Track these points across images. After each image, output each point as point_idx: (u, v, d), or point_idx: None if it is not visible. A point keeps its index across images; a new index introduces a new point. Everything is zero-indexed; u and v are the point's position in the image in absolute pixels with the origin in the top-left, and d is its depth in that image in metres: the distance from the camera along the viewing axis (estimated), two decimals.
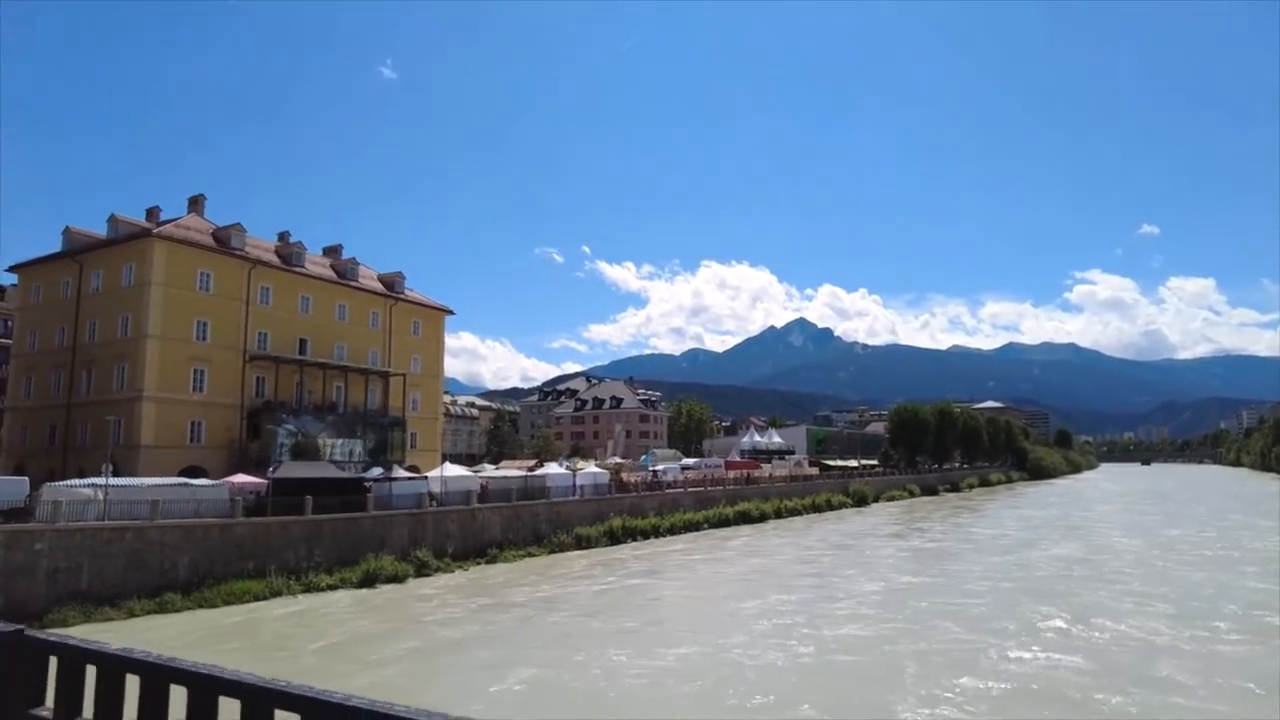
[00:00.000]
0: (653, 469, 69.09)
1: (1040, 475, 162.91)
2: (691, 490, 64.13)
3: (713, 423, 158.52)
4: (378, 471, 49.12)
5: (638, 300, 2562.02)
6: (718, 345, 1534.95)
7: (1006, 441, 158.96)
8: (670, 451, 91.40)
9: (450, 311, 68.67)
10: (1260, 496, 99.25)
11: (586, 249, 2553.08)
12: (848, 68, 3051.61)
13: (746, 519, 64.26)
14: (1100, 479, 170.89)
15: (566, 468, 61.09)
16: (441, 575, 38.01)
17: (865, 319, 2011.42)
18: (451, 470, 48.77)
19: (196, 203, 54.86)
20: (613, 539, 49.75)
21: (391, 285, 63.56)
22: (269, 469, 42.70)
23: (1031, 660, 21.76)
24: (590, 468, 62.39)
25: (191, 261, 48.61)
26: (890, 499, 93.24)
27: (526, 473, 56.63)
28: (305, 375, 53.70)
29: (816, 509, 75.98)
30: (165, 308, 46.58)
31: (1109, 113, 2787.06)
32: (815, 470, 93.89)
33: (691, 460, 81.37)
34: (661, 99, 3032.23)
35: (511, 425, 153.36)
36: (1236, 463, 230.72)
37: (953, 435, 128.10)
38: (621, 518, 52.04)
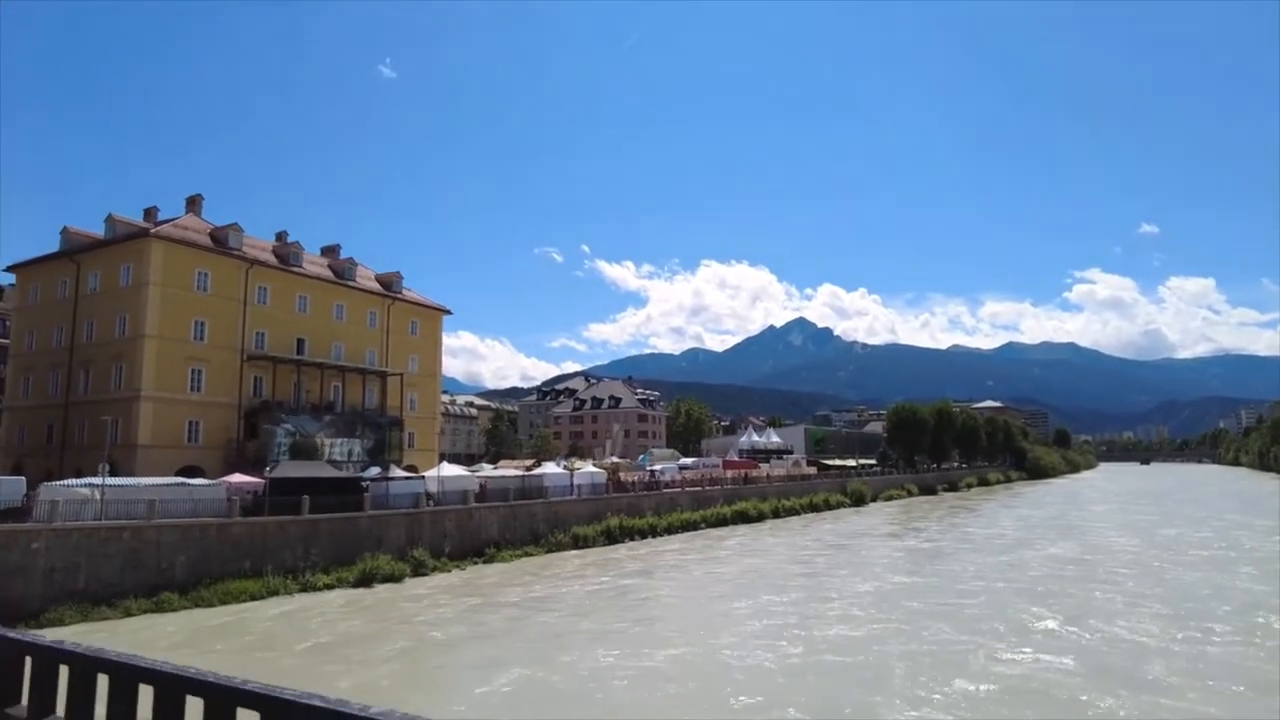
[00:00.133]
0: (650, 469, 69.22)
1: (1039, 475, 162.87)
2: (689, 490, 64.20)
3: (711, 422, 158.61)
4: (375, 471, 49.21)
5: (637, 300, 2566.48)
6: (717, 345, 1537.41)
7: (1005, 441, 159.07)
8: (668, 451, 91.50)
9: (448, 311, 68.75)
10: (1258, 496, 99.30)
11: (586, 248, 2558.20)
12: (848, 68, 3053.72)
13: (744, 518, 64.33)
14: (1098, 478, 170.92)
15: (564, 467, 61.17)
16: (438, 575, 38.09)
17: (865, 318, 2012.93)
18: (448, 470, 48.90)
19: (194, 202, 54.90)
20: (610, 539, 49.86)
21: (389, 285, 63.61)
22: (266, 469, 42.75)
23: (1021, 661, 21.69)
24: (588, 467, 62.50)
25: (189, 261, 48.64)
26: (888, 498, 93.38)
27: (524, 472, 56.72)
28: (303, 375, 53.74)
29: (814, 508, 76.08)
30: (163, 308, 46.62)
31: (1108, 112, 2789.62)
32: (813, 470, 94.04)
33: (689, 460, 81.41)
34: (661, 98, 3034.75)
35: (510, 425, 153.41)
36: (1235, 462, 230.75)
37: (951, 435, 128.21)
38: (619, 517, 52.19)
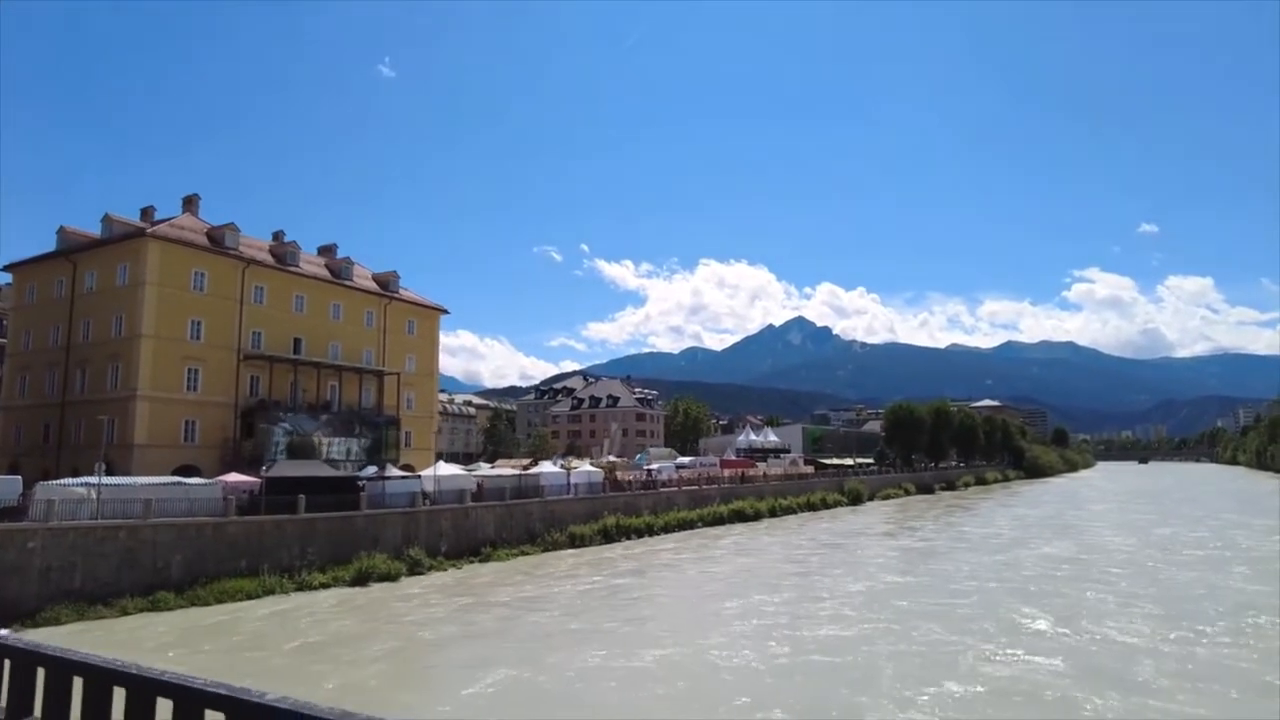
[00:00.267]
0: (647, 468, 69.36)
1: (1037, 474, 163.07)
2: (686, 489, 64.30)
3: (710, 421, 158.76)
4: (372, 470, 49.28)
5: (636, 299, 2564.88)
6: (716, 344, 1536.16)
7: (1003, 440, 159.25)
8: (665, 450, 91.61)
9: (445, 311, 68.81)
10: (1255, 495, 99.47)
11: (585, 247, 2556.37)
12: (848, 68, 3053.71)
13: (741, 517, 64.45)
14: (1096, 477, 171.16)
15: (561, 466, 61.33)
16: (434, 573, 38.19)
17: (864, 317, 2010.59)
18: (445, 469, 49.01)
19: (191, 202, 54.93)
20: (606, 537, 49.98)
21: (386, 284, 63.66)
22: (262, 468, 42.84)
23: (1010, 662, 21.63)
24: (585, 466, 62.64)
25: (186, 261, 48.68)
26: (885, 497, 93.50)
27: (521, 472, 56.82)
28: (299, 374, 53.79)
29: (811, 507, 76.21)
30: (159, 307, 46.66)
31: (1108, 112, 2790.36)
32: (810, 469, 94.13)
33: (687, 459, 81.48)
34: (660, 97, 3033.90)
35: (509, 424, 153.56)
36: (1233, 461, 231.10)
37: (948, 434, 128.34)
38: (615, 516, 52.32)
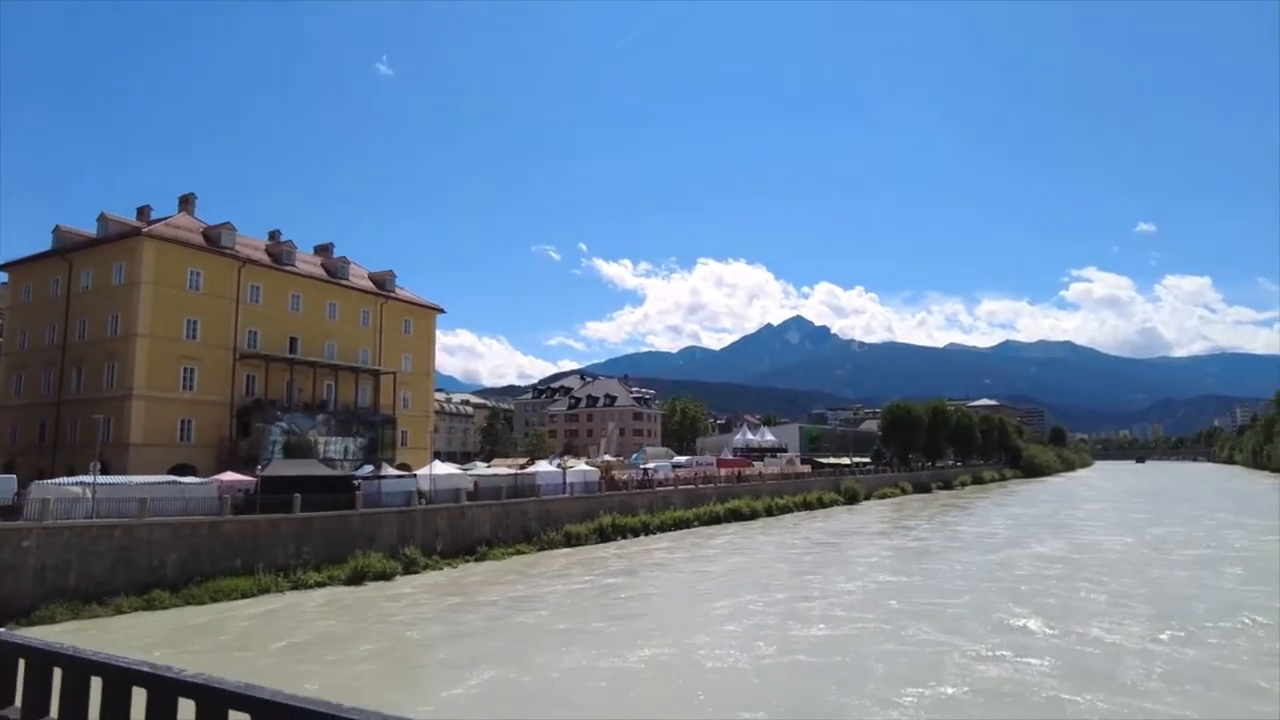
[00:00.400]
0: (643, 467, 69.51)
1: (1034, 473, 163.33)
2: (682, 488, 64.42)
3: (707, 421, 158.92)
4: (368, 470, 49.35)
5: (634, 298, 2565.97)
6: (714, 343, 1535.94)
7: (1000, 439, 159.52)
8: (661, 449, 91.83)
9: (441, 310, 68.84)
10: (1251, 494, 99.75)
11: (583, 246, 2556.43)
12: (848, 68, 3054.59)
13: (737, 516, 64.57)
14: (1093, 477, 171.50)
15: (557, 466, 61.46)
16: (429, 572, 38.27)
17: (862, 317, 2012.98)
18: (440, 468, 49.08)
19: (187, 201, 54.91)
20: (602, 536, 50.08)
21: (382, 284, 63.68)
22: (257, 467, 42.89)
23: (999, 662, 21.53)
24: (581, 466, 62.77)
25: (182, 260, 48.68)
26: (882, 497, 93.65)
27: (517, 471, 56.94)
28: (295, 374, 53.78)
29: (808, 506, 76.36)
30: (155, 306, 46.66)
31: (1108, 112, 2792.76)
32: (807, 468, 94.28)
33: (683, 458, 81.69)
34: (657, 96, 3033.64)
35: (506, 423, 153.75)
36: (1230, 460, 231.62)
37: (945, 433, 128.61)
38: (611, 515, 52.43)
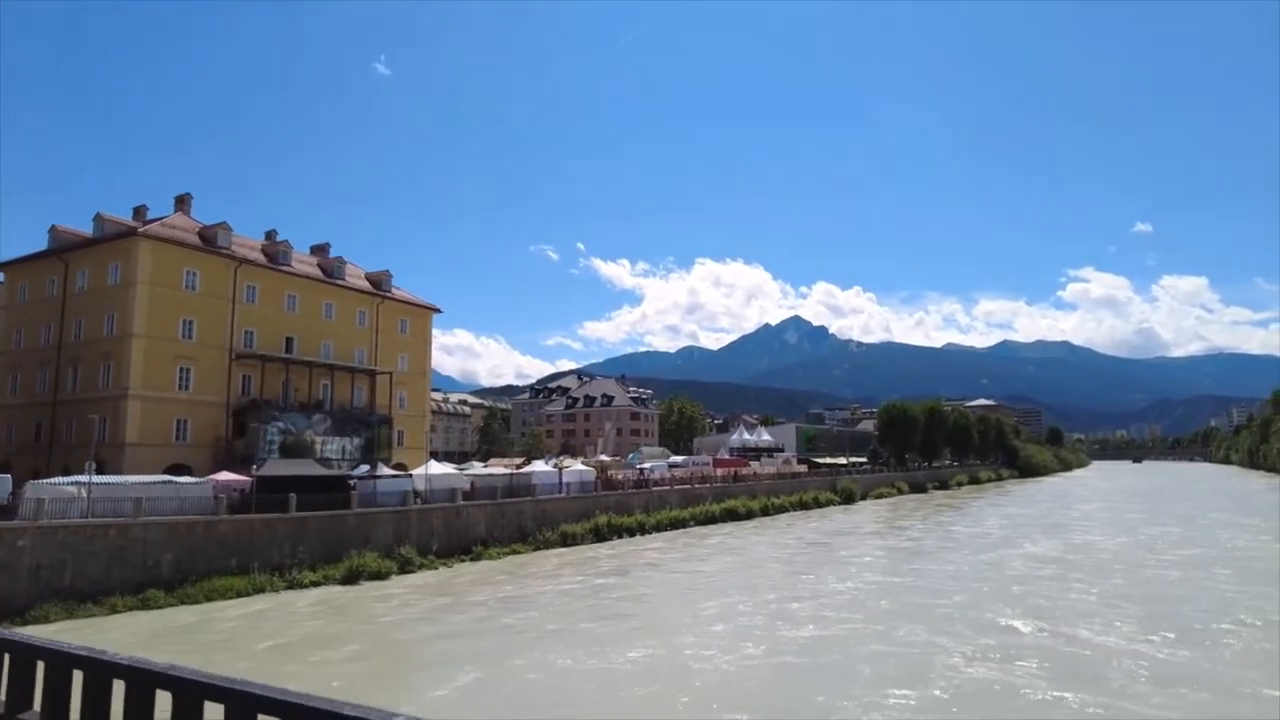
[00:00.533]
0: (640, 467, 69.61)
1: (1030, 473, 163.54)
2: (678, 488, 64.49)
3: (705, 420, 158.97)
4: (364, 469, 49.42)
5: (632, 298, 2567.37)
6: (713, 343, 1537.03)
7: (997, 439, 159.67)
8: (658, 449, 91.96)
9: (437, 310, 68.88)
10: (1246, 494, 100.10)
11: (581, 246, 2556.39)
12: (848, 68, 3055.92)
13: (733, 516, 64.66)
14: (1090, 477, 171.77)
15: (553, 465, 61.55)
16: (425, 572, 38.32)
17: (860, 316, 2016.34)
18: (436, 468, 49.15)
19: (183, 201, 54.95)
20: (598, 536, 50.14)
21: (379, 284, 63.72)
22: (253, 467, 42.97)
23: (987, 663, 21.44)
24: (577, 465, 62.86)
25: (177, 260, 48.71)
26: (878, 496, 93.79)
27: (513, 470, 57.01)
28: (291, 374, 53.81)
29: (804, 506, 76.44)
30: (151, 306, 46.68)
31: (1108, 112, 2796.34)
32: (803, 468, 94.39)
33: (680, 458, 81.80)
34: (656, 96, 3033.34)
35: (503, 423, 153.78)
36: (1226, 460, 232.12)
37: (942, 433, 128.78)
38: (607, 515, 52.46)
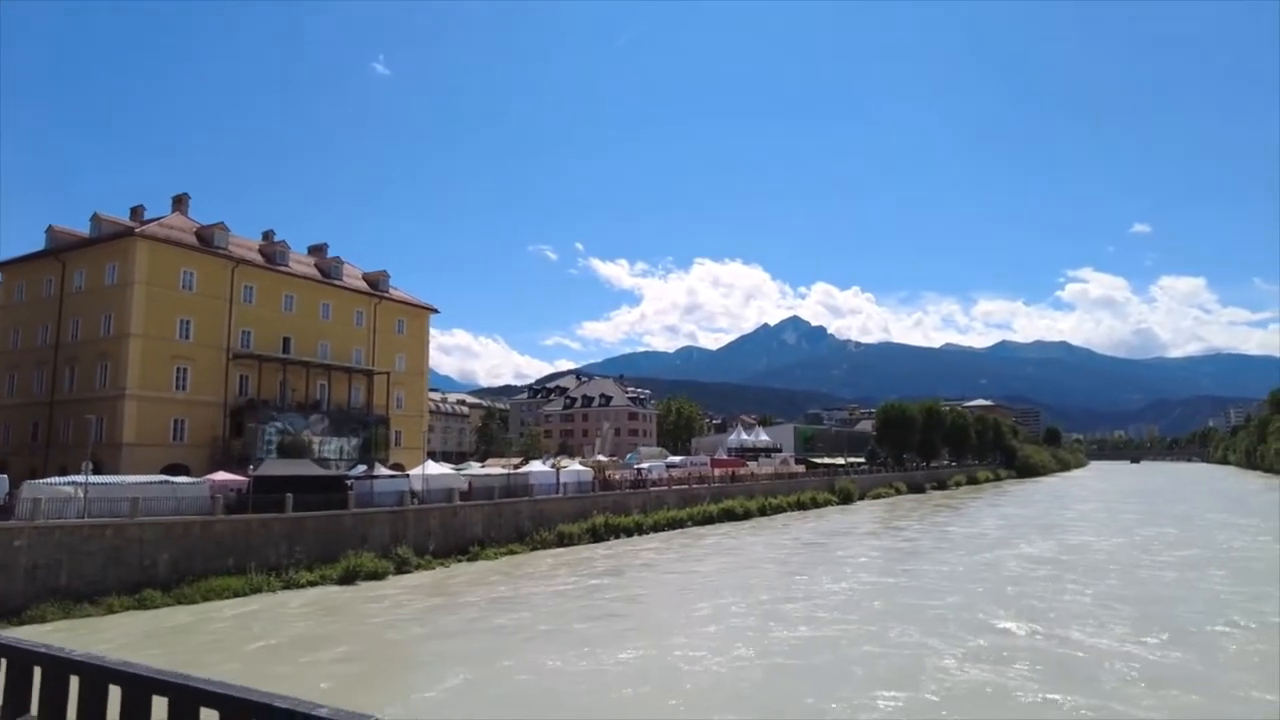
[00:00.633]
0: (637, 467, 69.64)
1: (1028, 473, 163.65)
2: (676, 488, 64.50)
3: (703, 421, 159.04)
4: (362, 469, 49.43)
5: (631, 298, 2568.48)
6: (711, 343, 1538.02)
7: (995, 439, 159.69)
8: (656, 449, 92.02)
9: (435, 310, 68.93)
10: (1242, 494, 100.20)
11: (580, 246, 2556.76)
12: (848, 68, 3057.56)
13: (731, 516, 64.69)
14: (1088, 477, 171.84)
15: (550, 465, 61.58)
16: (421, 572, 38.33)
17: (858, 317, 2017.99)
18: (433, 468, 49.17)
19: (180, 202, 54.98)
20: (595, 536, 50.13)
21: (376, 284, 63.75)
22: (249, 467, 42.96)
23: (978, 665, 21.33)
24: (574, 466, 62.87)
25: (174, 260, 48.74)
26: (876, 497, 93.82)
27: (510, 470, 57.03)
28: (288, 374, 53.86)
29: (801, 506, 76.46)
30: (148, 306, 46.73)
31: (1108, 112, 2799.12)
32: (801, 468, 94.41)
33: (677, 458, 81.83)
34: (655, 96, 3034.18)
35: (502, 423, 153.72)
36: (1223, 460, 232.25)
37: (940, 433, 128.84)
38: (604, 515, 52.44)
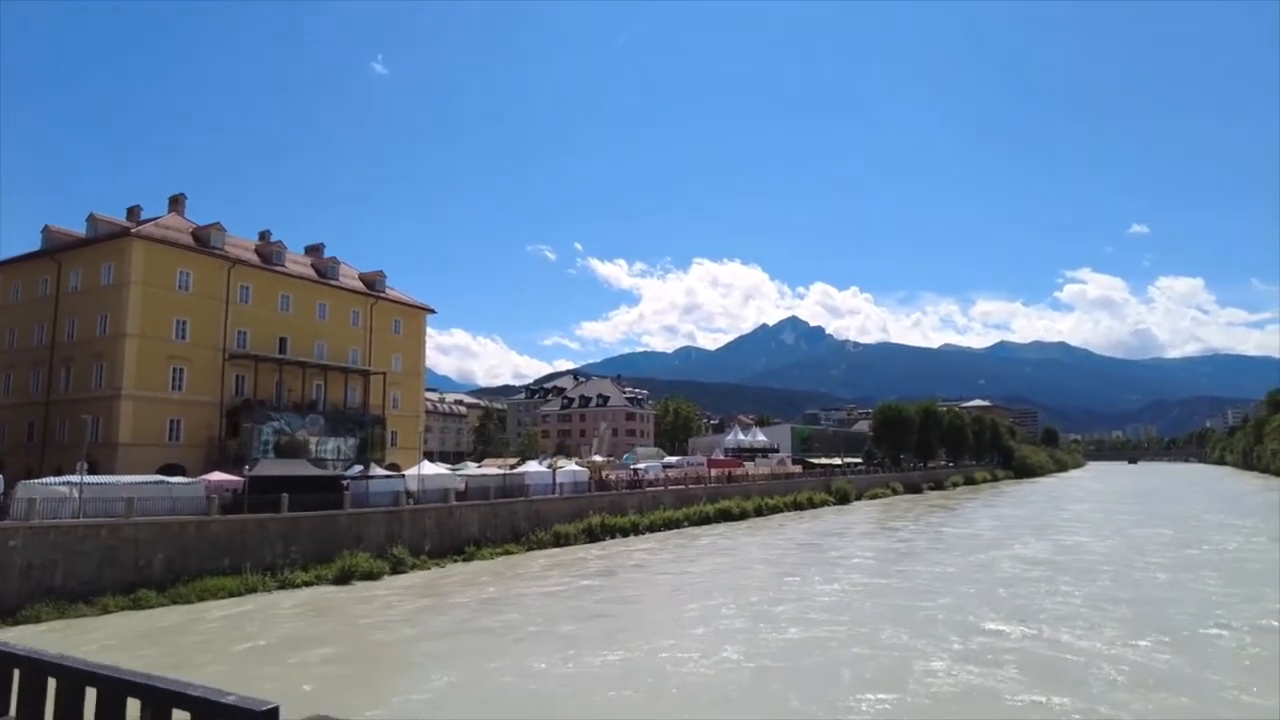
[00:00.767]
0: (634, 467, 69.70)
1: (1025, 474, 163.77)
2: (672, 488, 64.59)
3: (701, 421, 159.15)
4: (358, 469, 49.47)
5: (630, 298, 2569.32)
6: (710, 343, 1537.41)
7: (992, 440, 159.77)
8: (653, 450, 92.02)
9: (431, 310, 68.97)
10: (1239, 495, 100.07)
11: (578, 246, 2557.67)
12: (848, 68, 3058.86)
13: (727, 517, 64.79)
14: (1085, 477, 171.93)
15: (547, 466, 61.67)
16: (417, 572, 38.45)
17: (857, 317, 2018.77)
18: (429, 468, 49.25)
19: (177, 202, 54.97)
20: (591, 536, 50.22)
21: (372, 284, 63.77)
22: (245, 467, 43.02)
23: (967, 667, 21.18)
24: (570, 466, 62.96)
25: (171, 261, 48.75)
26: (873, 497, 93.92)
27: (506, 471, 57.09)
28: (285, 374, 53.87)
29: (798, 507, 76.57)
30: (144, 307, 46.75)
31: (1108, 112, 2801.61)
32: (798, 468, 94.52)
33: (674, 458, 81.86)
34: (653, 96, 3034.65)
35: (499, 423, 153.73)
36: (1220, 461, 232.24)
37: (937, 434, 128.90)
38: (600, 515, 52.56)
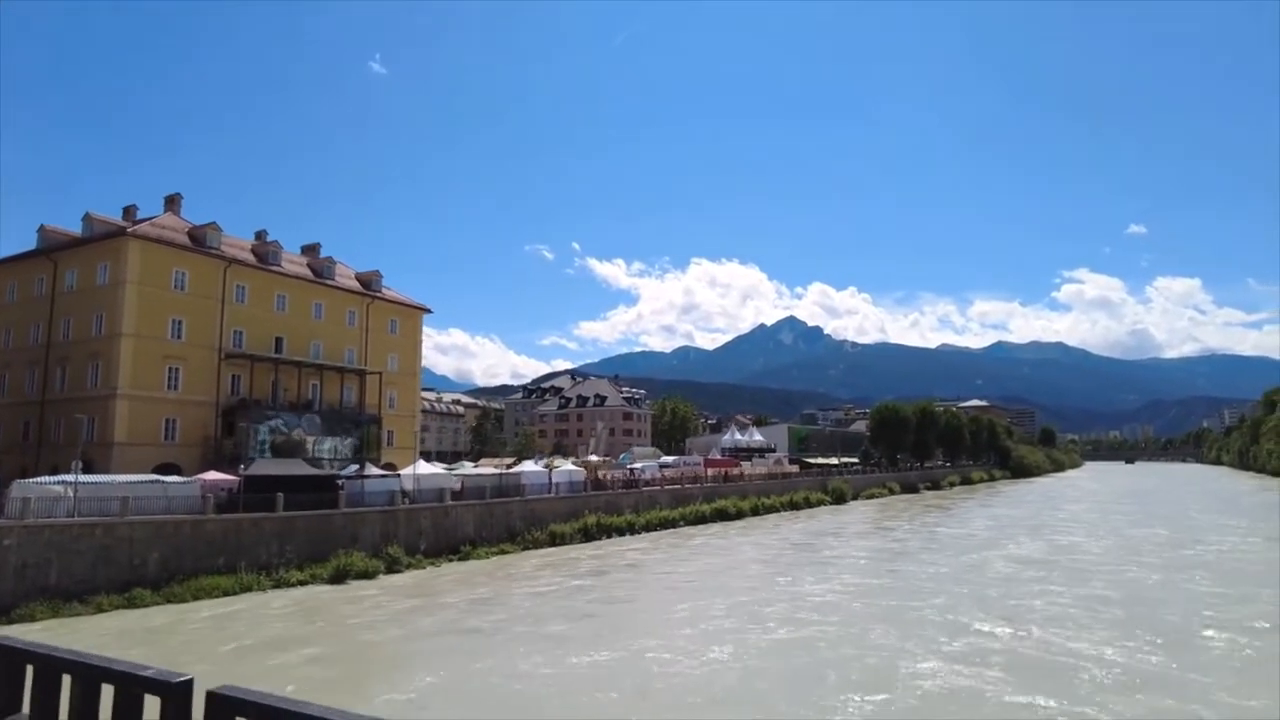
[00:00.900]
0: (630, 467, 69.80)
1: (1022, 474, 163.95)
2: (669, 488, 64.68)
3: (698, 421, 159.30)
4: (354, 469, 49.50)
5: (628, 298, 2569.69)
6: (708, 343, 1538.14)
7: (989, 440, 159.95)
8: (649, 449, 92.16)
9: (428, 310, 68.98)
10: (1235, 495, 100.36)
11: (576, 246, 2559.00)
12: (848, 68, 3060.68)
13: (723, 516, 64.90)
14: (1082, 477, 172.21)
15: (543, 465, 61.76)
16: (412, 571, 38.56)
17: (855, 317, 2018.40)
18: (425, 468, 49.31)
19: (173, 201, 54.95)
20: (587, 536, 50.35)
21: (369, 284, 63.78)
22: (240, 466, 43.06)
23: (955, 668, 21.15)
24: (567, 466, 63.05)
25: (167, 260, 48.75)
26: (869, 497, 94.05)
27: (502, 470, 57.17)
28: (281, 373, 53.87)
29: (794, 506, 76.69)
30: (140, 306, 46.74)
31: (1108, 112, 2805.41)
32: (795, 468, 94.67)
33: (671, 458, 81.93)
34: (652, 96, 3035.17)
35: (497, 423, 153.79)
36: (1217, 461, 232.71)
37: (934, 434, 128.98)
38: (596, 515, 52.67)
